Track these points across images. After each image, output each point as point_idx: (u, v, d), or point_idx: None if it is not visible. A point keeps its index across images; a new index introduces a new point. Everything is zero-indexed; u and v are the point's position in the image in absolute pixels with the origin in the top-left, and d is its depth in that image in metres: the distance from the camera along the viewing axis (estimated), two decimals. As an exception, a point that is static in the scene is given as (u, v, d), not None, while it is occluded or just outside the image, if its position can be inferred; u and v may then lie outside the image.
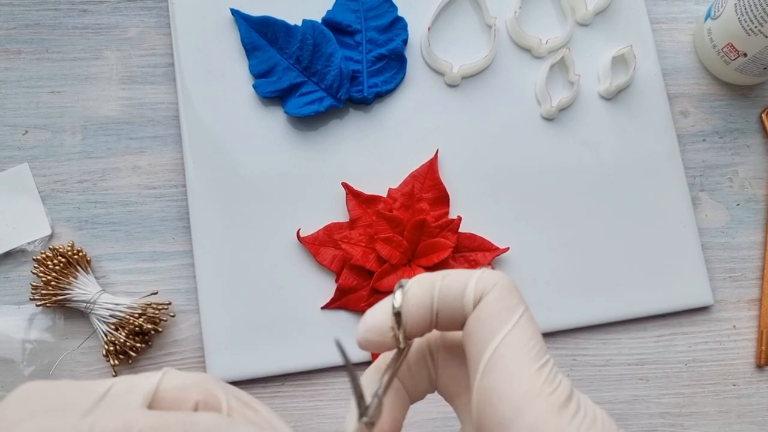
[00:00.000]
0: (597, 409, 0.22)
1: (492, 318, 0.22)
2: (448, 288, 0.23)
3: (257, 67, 0.44)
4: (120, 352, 0.40)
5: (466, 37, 0.46)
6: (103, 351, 0.40)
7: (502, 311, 0.22)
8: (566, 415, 0.20)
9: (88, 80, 0.44)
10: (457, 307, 0.22)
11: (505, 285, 0.23)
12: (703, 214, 0.45)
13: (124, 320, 0.40)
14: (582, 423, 0.20)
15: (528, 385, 0.21)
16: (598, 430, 0.21)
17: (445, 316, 0.23)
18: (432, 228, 0.41)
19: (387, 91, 0.44)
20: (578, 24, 0.46)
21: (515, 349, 0.21)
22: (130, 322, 0.40)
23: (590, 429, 0.20)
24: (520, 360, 0.21)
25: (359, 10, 0.44)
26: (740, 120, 0.47)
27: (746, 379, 0.43)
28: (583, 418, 0.21)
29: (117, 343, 0.40)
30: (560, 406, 0.21)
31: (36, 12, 0.45)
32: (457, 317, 0.23)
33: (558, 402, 0.21)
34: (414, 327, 0.23)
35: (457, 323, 0.23)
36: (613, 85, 0.44)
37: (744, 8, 0.41)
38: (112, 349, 0.40)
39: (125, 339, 0.40)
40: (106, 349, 0.40)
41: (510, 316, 0.22)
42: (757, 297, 0.45)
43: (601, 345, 0.43)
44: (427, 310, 0.23)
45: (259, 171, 0.43)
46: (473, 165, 0.44)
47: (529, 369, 0.21)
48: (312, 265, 0.42)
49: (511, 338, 0.21)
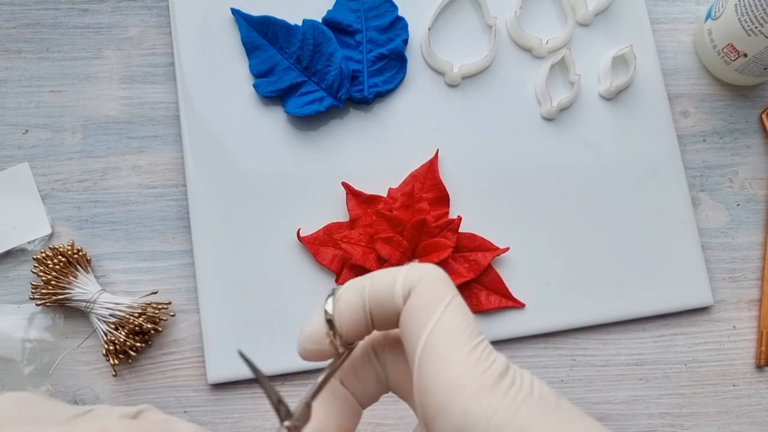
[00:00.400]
0: (535, 381, 0.21)
1: (420, 310, 0.22)
2: (378, 288, 0.23)
3: (257, 66, 0.44)
4: (120, 352, 0.40)
5: (467, 37, 0.46)
6: (103, 350, 0.40)
7: (429, 302, 0.22)
8: (499, 390, 0.20)
9: (89, 79, 0.45)
10: (389, 305, 0.23)
11: (431, 277, 0.23)
12: (703, 214, 0.45)
13: (123, 320, 0.40)
14: (517, 396, 0.20)
15: (460, 368, 0.21)
16: (534, 401, 0.20)
17: (380, 315, 0.23)
18: (432, 228, 0.41)
19: (387, 90, 0.44)
20: (579, 24, 0.46)
21: (445, 336, 0.21)
22: (130, 322, 0.40)
23: (526, 401, 0.20)
24: (450, 345, 0.21)
25: (360, 10, 0.44)
26: (740, 120, 0.47)
27: (746, 380, 0.43)
28: (518, 391, 0.20)
29: (117, 342, 0.40)
30: (493, 383, 0.20)
31: (36, 11, 0.45)
32: (391, 315, 0.23)
33: (491, 379, 0.20)
34: (349, 331, 0.23)
35: (392, 321, 0.23)
36: (614, 86, 0.44)
37: (744, 9, 0.41)
38: (112, 349, 0.40)
39: (125, 338, 0.40)
40: (106, 349, 0.40)
41: (437, 305, 0.22)
42: (757, 297, 0.45)
43: (600, 345, 0.43)
44: (360, 313, 0.23)
45: (259, 170, 0.43)
46: (473, 165, 0.44)
47: (461, 352, 0.21)
48: (312, 264, 0.42)
49: (441, 326, 0.22)
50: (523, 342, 0.43)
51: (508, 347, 0.43)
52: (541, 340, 0.43)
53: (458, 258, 0.42)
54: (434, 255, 0.41)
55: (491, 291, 0.42)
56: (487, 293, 0.42)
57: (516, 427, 0.20)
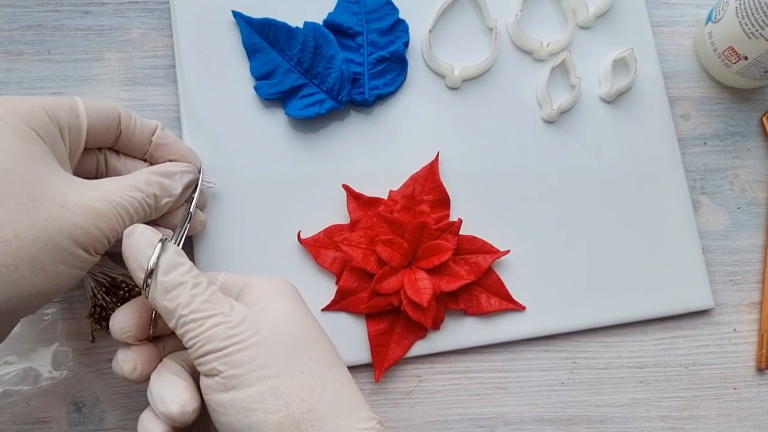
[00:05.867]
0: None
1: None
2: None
3: (258, 69, 0.44)
4: (104, 318, 0.39)
5: (467, 39, 0.46)
6: (88, 312, 0.39)
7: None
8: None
9: (90, 82, 0.45)
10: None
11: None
12: (703, 217, 0.46)
13: (116, 284, 0.39)
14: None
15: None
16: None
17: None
18: (432, 230, 0.41)
19: (388, 93, 0.44)
20: (579, 27, 0.46)
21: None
22: (121, 288, 0.39)
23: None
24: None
25: (360, 13, 0.45)
26: (741, 123, 0.47)
27: (747, 383, 0.43)
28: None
29: (104, 308, 0.38)
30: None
31: (38, 13, 0.45)
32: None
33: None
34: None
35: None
36: (614, 89, 0.44)
37: (745, 12, 0.41)
38: (97, 314, 0.39)
39: (113, 304, 0.38)
40: (90, 312, 0.39)
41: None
42: (758, 300, 0.45)
43: (601, 348, 0.43)
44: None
45: (259, 172, 0.43)
46: (474, 167, 0.44)
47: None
48: (312, 266, 0.42)
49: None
50: (523, 345, 0.43)
51: (509, 350, 0.43)
52: (541, 343, 0.43)
53: (459, 260, 0.42)
54: (435, 257, 0.41)
55: (492, 293, 0.42)
56: (487, 296, 0.42)
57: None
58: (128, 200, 0.32)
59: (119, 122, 0.36)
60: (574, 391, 0.42)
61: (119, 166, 0.37)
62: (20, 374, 0.39)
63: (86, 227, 0.30)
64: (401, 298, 0.40)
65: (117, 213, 0.31)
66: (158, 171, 0.36)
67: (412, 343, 0.41)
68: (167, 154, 0.38)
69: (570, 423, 0.42)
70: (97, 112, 0.34)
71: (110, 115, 0.35)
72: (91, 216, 0.30)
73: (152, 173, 0.35)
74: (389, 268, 0.40)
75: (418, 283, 0.40)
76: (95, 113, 0.34)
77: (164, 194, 0.35)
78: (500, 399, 0.42)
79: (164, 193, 0.35)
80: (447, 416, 0.42)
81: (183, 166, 0.38)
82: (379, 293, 0.40)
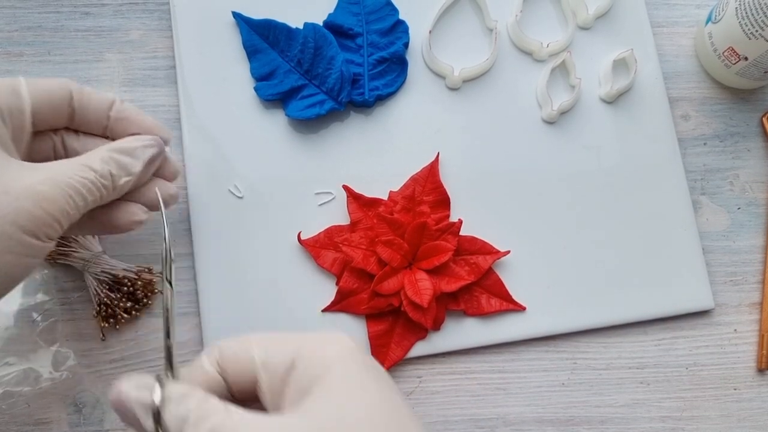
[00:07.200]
0: None
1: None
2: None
3: (258, 70, 0.44)
4: (110, 315, 0.39)
5: (467, 40, 0.46)
6: (94, 312, 0.40)
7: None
8: None
9: (90, 83, 0.45)
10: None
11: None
12: (703, 217, 0.45)
13: (119, 281, 0.39)
14: None
15: None
16: None
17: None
18: (433, 231, 0.41)
19: (388, 94, 0.44)
20: (579, 28, 0.46)
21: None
22: (124, 284, 0.39)
23: None
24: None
25: (360, 14, 0.45)
26: (741, 124, 0.47)
27: (747, 383, 0.43)
28: None
29: (109, 305, 0.39)
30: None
31: (38, 14, 0.45)
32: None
33: None
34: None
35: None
36: (614, 89, 0.44)
37: (745, 12, 0.41)
38: (103, 311, 0.39)
39: (118, 300, 0.39)
40: (97, 310, 0.39)
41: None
42: (758, 301, 0.45)
43: (601, 348, 0.43)
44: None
45: (259, 173, 0.43)
46: (474, 168, 0.44)
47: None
48: (313, 267, 0.42)
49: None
50: (523, 345, 0.43)
51: (509, 350, 0.43)
52: (542, 344, 0.43)
53: (459, 261, 0.42)
54: (435, 258, 0.41)
55: (492, 294, 0.42)
56: (488, 296, 0.42)
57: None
58: (79, 180, 0.31)
59: (71, 100, 0.34)
60: (574, 392, 0.42)
61: (78, 146, 0.35)
62: (20, 375, 0.39)
63: (31, 211, 0.28)
64: (401, 298, 0.40)
65: (66, 194, 0.30)
66: (116, 148, 0.33)
67: (412, 343, 0.41)
68: (128, 128, 0.35)
69: (570, 424, 0.42)
70: (42, 92, 0.33)
71: (58, 93, 0.33)
72: (35, 199, 0.28)
73: (109, 150, 0.33)
74: (389, 269, 0.40)
75: (419, 283, 0.40)
76: (40, 93, 0.32)
77: (122, 173, 0.33)
78: (501, 399, 0.42)
79: (122, 171, 0.33)
80: (447, 417, 0.42)
81: (145, 139, 0.35)
82: (379, 294, 0.40)
